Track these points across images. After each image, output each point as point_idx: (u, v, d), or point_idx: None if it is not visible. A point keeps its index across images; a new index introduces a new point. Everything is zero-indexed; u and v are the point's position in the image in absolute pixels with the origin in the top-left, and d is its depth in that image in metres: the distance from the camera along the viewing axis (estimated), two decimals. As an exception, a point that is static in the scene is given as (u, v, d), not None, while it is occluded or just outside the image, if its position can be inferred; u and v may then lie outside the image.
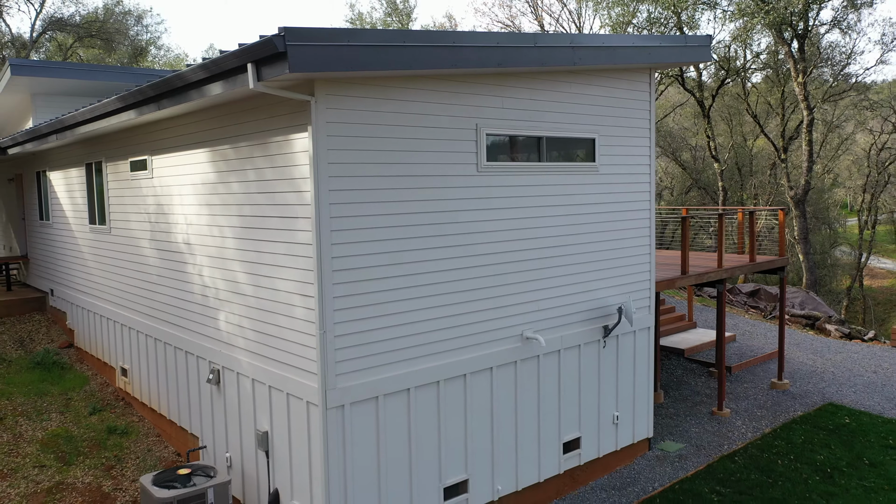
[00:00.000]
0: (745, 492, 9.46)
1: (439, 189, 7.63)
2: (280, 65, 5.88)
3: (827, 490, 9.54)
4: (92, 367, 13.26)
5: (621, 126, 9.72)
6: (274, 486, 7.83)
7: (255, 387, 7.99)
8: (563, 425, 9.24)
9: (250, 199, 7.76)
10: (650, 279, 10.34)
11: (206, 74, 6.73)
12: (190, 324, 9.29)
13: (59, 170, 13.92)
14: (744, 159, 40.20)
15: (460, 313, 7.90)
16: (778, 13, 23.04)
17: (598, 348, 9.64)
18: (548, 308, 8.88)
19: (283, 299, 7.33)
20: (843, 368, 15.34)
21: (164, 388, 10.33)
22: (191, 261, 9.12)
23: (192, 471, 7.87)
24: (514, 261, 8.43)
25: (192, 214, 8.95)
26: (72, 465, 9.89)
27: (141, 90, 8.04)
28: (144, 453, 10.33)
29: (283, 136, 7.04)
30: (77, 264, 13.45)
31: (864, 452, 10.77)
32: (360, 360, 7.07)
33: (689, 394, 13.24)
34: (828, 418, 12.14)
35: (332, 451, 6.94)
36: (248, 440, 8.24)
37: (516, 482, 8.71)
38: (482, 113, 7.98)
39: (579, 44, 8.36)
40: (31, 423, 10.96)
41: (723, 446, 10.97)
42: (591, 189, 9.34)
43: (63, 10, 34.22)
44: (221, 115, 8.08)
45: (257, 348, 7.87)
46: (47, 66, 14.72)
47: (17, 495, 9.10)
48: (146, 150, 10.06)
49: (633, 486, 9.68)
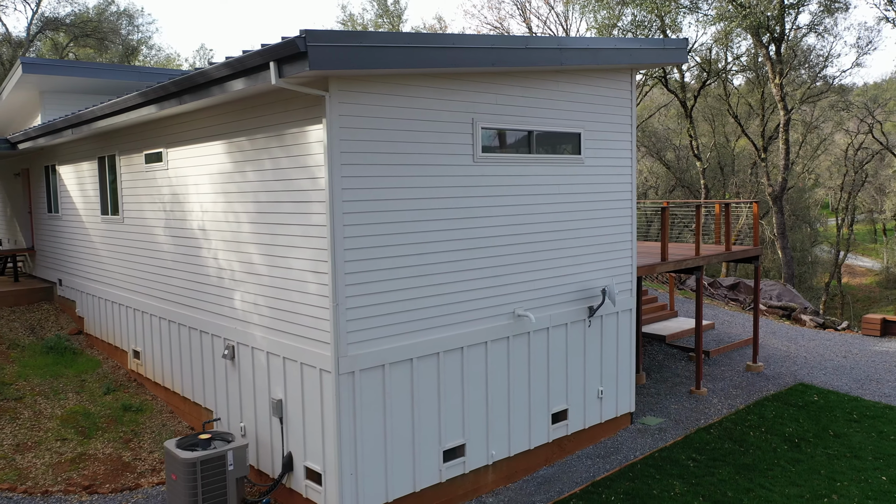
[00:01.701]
0: (719, 459, 10.27)
1: (439, 177, 8.38)
2: (300, 63, 6.60)
3: (794, 457, 10.37)
4: (102, 352, 13.88)
5: (605, 122, 10.50)
6: (287, 450, 8.53)
7: (269, 359, 8.69)
8: (552, 397, 10.01)
9: (266, 187, 8.46)
10: (632, 264, 11.14)
11: (229, 71, 7.44)
12: (205, 304, 9.97)
13: (70, 164, 14.52)
14: (726, 159, 41.28)
15: (458, 291, 8.65)
16: (755, 17, 23.99)
17: (584, 327, 10.42)
18: (537, 288, 9.64)
19: (297, 277, 8.04)
20: (815, 354, 16.24)
21: (177, 366, 11.00)
22: (206, 245, 9.80)
23: (211, 436, 8.56)
24: (507, 244, 9.19)
25: (208, 202, 9.64)
26: (91, 438, 10.54)
27: (163, 86, 8.72)
28: (159, 427, 11.00)
29: (299, 128, 7.76)
30: (87, 254, 14.06)
31: (830, 425, 11.62)
32: (368, 331, 7.80)
33: (670, 376, 14.06)
34: (798, 396, 13.00)
35: (343, 414, 7.66)
36: (262, 409, 8.93)
37: (509, 448, 9.47)
38: (478, 108, 8.74)
39: (565, 46, 9.14)
40: (49, 401, 11.58)
41: (699, 420, 11.79)
42: (577, 179, 10.11)
43: (59, 10, 34.67)
44: (238, 109, 8.78)
45: (272, 323, 8.57)
46: (57, 64, 15.34)
47: (42, 465, 9.74)
48: (162, 144, 10.72)
49: (617, 454, 10.47)
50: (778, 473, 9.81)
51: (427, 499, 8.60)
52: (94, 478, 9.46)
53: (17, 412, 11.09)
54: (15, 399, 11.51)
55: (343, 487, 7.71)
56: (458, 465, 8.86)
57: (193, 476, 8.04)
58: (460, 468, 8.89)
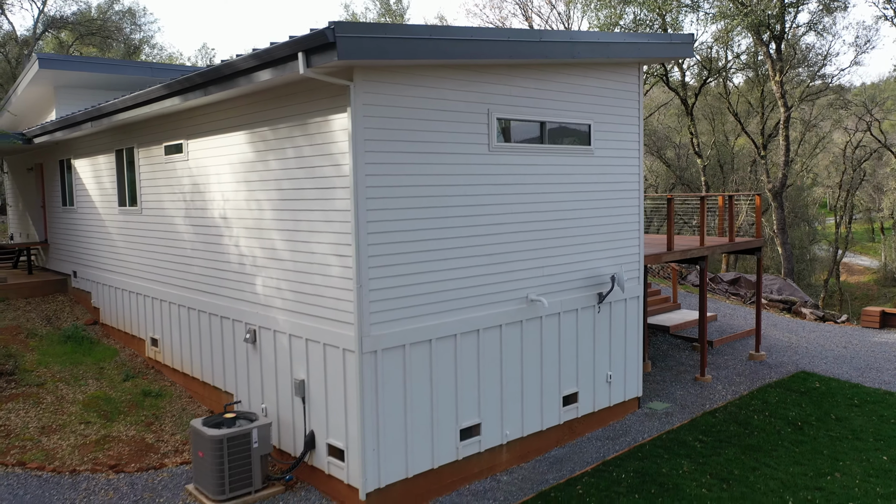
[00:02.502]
0: (725, 440, 10.58)
1: (456, 165, 8.68)
2: (329, 53, 6.90)
3: (797, 439, 10.68)
4: (119, 341, 14.17)
5: (613, 114, 10.81)
6: (310, 429, 8.83)
7: (291, 341, 8.98)
8: (563, 381, 10.31)
9: (288, 174, 8.76)
10: (639, 252, 11.45)
11: (256, 62, 7.73)
12: (226, 291, 10.26)
13: (86, 157, 14.80)
14: (725, 157, 41.64)
15: (474, 275, 8.95)
16: (756, 16, 24.33)
17: (594, 313, 10.72)
18: (549, 275, 9.95)
19: (320, 261, 8.34)
20: (816, 344, 16.56)
21: (196, 352, 11.29)
22: (227, 233, 10.09)
23: (236, 415, 8.86)
24: (521, 231, 9.49)
25: (230, 191, 9.93)
26: (114, 421, 10.82)
27: (188, 78, 9.01)
28: (179, 412, 11.29)
29: (323, 116, 8.05)
30: (103, 245, 14.34)
31: (832, 410, 11.94)
32: (389, 312, 8.10)
33: (674, 364, 14.37)
34: (800, 383, 13.31)
35: (366, 392, 7.96)
36: (283, 390, 9.23)
37: (522, 429, 9.77)
38: (493, 99, 9.04)
39: (577, 39, 9.45)
40: (71, 387, 11.87)
41: (705, 405, 12.10)
42: (587, 169, 10.42)
43: (65, 10, 34.90)
44: (261, 100, 9.08)
45: (294, 307, 8.87)
46: (73, 59, 15.63)
47: (68, 446, 10.02)
48: (182, 135, 11.01)
49: (625, 436, 10.78)
50: (782, 454, 10.12)
51: (445, 476, 8.90)
52: (120, 458, 9.75)
53: (39, 397, 11.37)
54: (37, 385, 11.79)
55: (366, 463, 8.01)
56: (474, 443, 9.16)
57: (220, 453, 8.34)
58: (476, 447, 9.19)
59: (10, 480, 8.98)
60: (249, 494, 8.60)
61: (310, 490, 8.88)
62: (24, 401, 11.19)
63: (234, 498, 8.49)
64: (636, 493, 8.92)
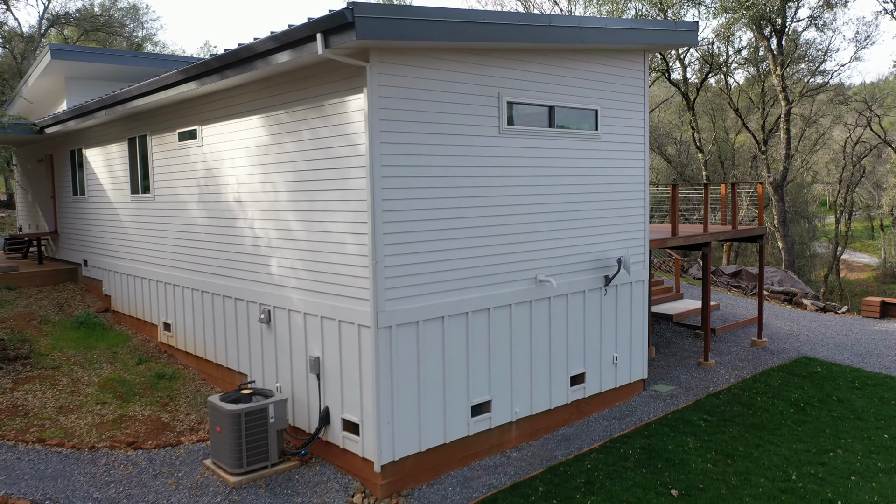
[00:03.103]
0: (729, 419, 10.79)
1: (467, 147, 8.89)
2: (347, 34, 7.10)
3: (800, 419, 10.90)
4: (130, 328, 14.37)
5: (620, 101, 11.02)
6: (325, 405, 9.03)
7: (306, 320, 9.19)
8: (571, 361, 10.52)
9: (304, 156, 8.97)
10: (644, 237, 11.66)
11: (275, 44, 7.94)
12: (240, 273, 10.46)
13: (98, 147, 15.00)
14: (726, 153, 41.87)
15: (484, 255, 9.16)
16: (757, 10, 24.55)
17: (600, 295, 10.93)
18: (557, 256, 10.16)
19: (336, 239, 8.55)
20: (817, 332, 16.78)
21: (210, 335, 11.49)
22: (241, 216, 10.30)
23: (253, 392, 9.06)
24: (529, 213, 9.70)
25: (245, 175, 10.13)
26: (130, 402, 11.03)
27: (205, 62, 9.22)
28: (193, 393, 11.49)
29: (339, 98, 8.26)
30: (115, 233, 14.54)
31: (833, 392, 12.16)
32: (403, 289, 8.31)
33: (678, 350, 14.58)
34: (802, 367, 13.53)
35: (381, 366, 8.16)
36: (298, 368, 9.43)
37: (531, 407, 9.98)
38: (503, 83, 9.25)
39: (585, 25, 9.66)
40: (85, 370, 12.07)
41: (709, 388, 12.31)
42: (594, 154, 10.63)
43: (69, 6, 35.12)
44: (277, 83, 9.28)
45: (309, 285, 9.07)
46: (84, 50, 15.84)
47: (85, 425, 10.23)
48: (196, 121, 11.21)
49: (631, 416, 10.99)
50: (785, 432, 10.33)
51: (456, 451, 9.11)
52: (137, 436, 9.95)
53: (56, 379, 11.57)
54: (52, 368, 11.99)
55: (381, 436, 8.22)
56: (484, 420, 9.37)
57: (238, 427, 8.55)
58: (487, 423, 9.40)
59: (32, 456, 9.18)
60: (266, 469, 8.80)
61: (325, 465, 9.09)
62: (40, 382, 11.40)
63: (252, 472, 8.69)
64: (643, 467, 9.13)
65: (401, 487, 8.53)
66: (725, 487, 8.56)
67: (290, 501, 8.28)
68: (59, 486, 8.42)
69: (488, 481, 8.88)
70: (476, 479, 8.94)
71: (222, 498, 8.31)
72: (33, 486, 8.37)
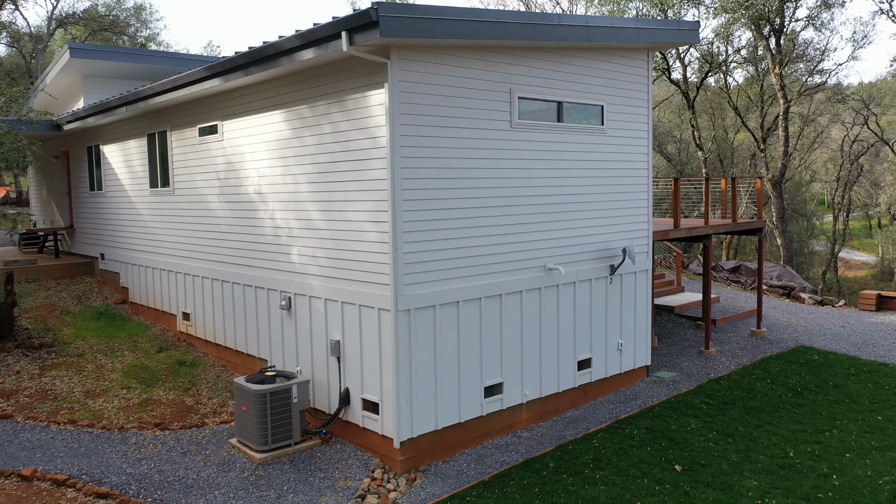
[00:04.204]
0: (729, 403, 11.25)
1: (481, 140, 9.33)
2: (371, 31, 7.55)
3: (797, 402, 11.35)
4: (149, 318, 14.81)
5: (624, 97, 11.47)
6: (345, 386, 9.48)
7: (327, 305, 9.64)
8: (578, 346, 10.97)
9: (324, 149, 9.41)
10: (648, 228, 12.11)
11: (300, 42, 8.38)
12: (260, 262, 10.90)
13: (116, 143, 15.43)
14: (725, 151, 42.35)
15: (496, 243, 9.61)
16: (756, 9, 25.02)
17: (606, 284, 11.38)
18: (565, 246, 10.61)
19: (356, 228, 8.99)
20: (815, 324, 17.24)
21: (230, 322, 11.93)
22: (262, 208, 10.74)
23: (276, 374, 9.51)
24: (538, 204, 10.15)
25: (265, 167, 10.58)
26: (153, 386, 11.47)
27: (230, 59, 9.66)
28: (214, 379, 11.93)
29: (360, 93, 8.71)
30: (133, 227, 14.98)
31: (830, 378, 12.62)
32: (421, 274, 8.75)
33: (679, 340, 15.04)
34: (800, 356, 13.99)
35: (401, 347, 8.61)
36: (318, 352, 9.88)
37: (540, 390, 10.43)
38: (514, 80, 9.70)
39: (592, 24, 10.11)
40: (108, 358, 12.51)
41: (710, 374, 12.77)
42: (600, 148, 11.08)
43: (77, 6, 35.56)
44: (298, 80, 9.72)
45: (330, 272, 9.52)
46: (102, 49, 16.29)
47: (113, 408, 10.67)
48: (217, 117, 11.65)
49: (636, 400, 11.44)
50: (783, 414, 10.78)
51: (470, 429, 9.56)
52: (163, 417, 10.39)
53: (80, 366, 12.01)
54: (76, 355, 12.43)
55: (400, 413, 8.66)
56: (496, 401, 9.82)
57: (263, 406, 8.99)
58: (498, 404, 9.85)
59: (65, 436, 9.62)
60: (290, 446, 9.25)
61: (345, 443, 9.53)
62: (66, 369, 11.83)
63: (276, 449, 9.13)
64: (648, 446, 9.58)
65: (418, 464, 8.98)
66: (726, 463, 9.02)
67: (313, 476, 8.72)
68: (93, 463, 8.85)
69: (501, 458, 9.33)
70: (489, 456, 9.39)
71: (249, 473, 8.75)
72: (68, 463, 8.80)
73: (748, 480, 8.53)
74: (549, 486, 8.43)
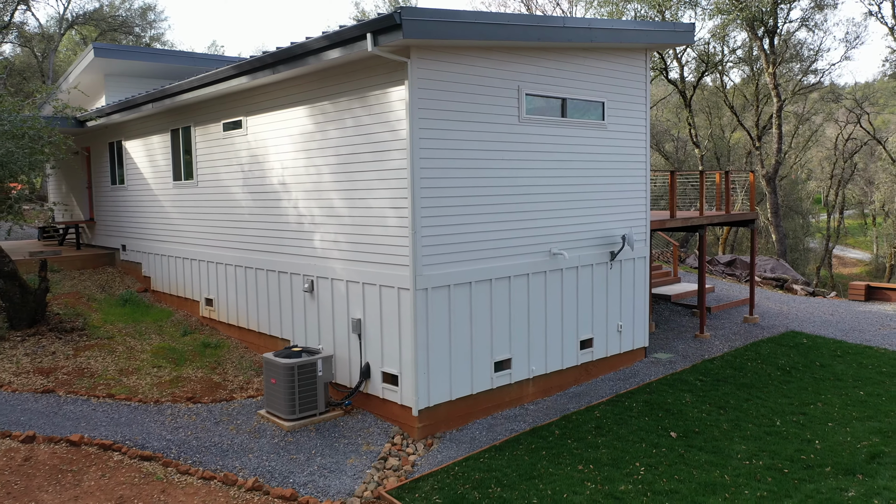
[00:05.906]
0: (722, 380, 12.03)
1: (492, 133, 10.10)
2: (395, 33, 8.31)
3: (785, 379, 12.14)
4: (171, 305, 15.56)
5: (624, 94, 12.25)
6: (365, 361, 10.24)
7: (348, 287, 10.40)
8: (580, 326, 11.75)
9: (346, 141, 10.17)
10: (646, 217, 12.89)
11: (327, 42, 9.15)
12: (284, 248, 11.66)
13: (138, 138, 16.17)
14: (722, 149, 43.16)
15: (506, 229, 10.38)
16: (751, 11, 25.82)
17: (606, 269, 12.16)
18: (569, 233, 11.38)
19: (377, 214, 9.76)
20: (806, 312, 18.03)
21: (252, 306, 12.69)
22: (286, 197, 11.50)
23: (301, 350, 10.27)
24: (544, 193, 10.92)
25: (289, 159, 11.33)
26: (182, 365, 12.22)
27: (259, 58, 10.42)
28: (238, 359, 12.69)
29: (382, 89, 9.47)
30: (156, 219, 15.72)
31: (817, 359, 13.40)
32: (437, 256, 9.52)
33: (676, 326, 15.82)
34: (790, 339, 14.78)
35: (419, 323, 9.37)
36: (340, 330, 10.64)
37: (545, 366, 11.20)
38: (522, 78, 10.47)
39: (594, 26, 10.89)
40: (137, 340, 13.26)
41: (704, 355, 13.55)
42: (601, 142, 11.86)
43: (87, 6, 36.27)
44: (322, 77, 10.48)
45: (351, 256, 10.28)
46: (125, 49, 17.05)
47: (146, 385, 11.42)
48: (241, 112, 12.41)
49: (635, 378, 12.22)
50: (772, 390, 11.57)
51: (481, 401, 10.33)
52: (194, 392, 11.15)
53: (112, 347, 12.76)
54: (107, 338, 13.18)
55: (418, 384, 9.43)
56: (505, 375, 10.59)
57: (291, 379, 9.75)
58: (507, 378, 10.62)
59: (105, 408, 10.37)
60: (315, 416, 10.01)
61: (365, 414, 10.30)
62: (98, 350, 12.58)
63: (303, 418, 9.89)
64: (646, 416, 10.36)
65: (434, 431, 9.74)
66: (718, 431, 9.80)
67: (338, 442, 9.49)
68: (134, 431, 9.61)
69: (510, 427, 10.10)
70: (499, 425, 10.16)
71: (279, 439, 9.51)
72: (112, 430, 9.56)
73: (738, 445, 9.31)
74: (556, 449, 9.20)
